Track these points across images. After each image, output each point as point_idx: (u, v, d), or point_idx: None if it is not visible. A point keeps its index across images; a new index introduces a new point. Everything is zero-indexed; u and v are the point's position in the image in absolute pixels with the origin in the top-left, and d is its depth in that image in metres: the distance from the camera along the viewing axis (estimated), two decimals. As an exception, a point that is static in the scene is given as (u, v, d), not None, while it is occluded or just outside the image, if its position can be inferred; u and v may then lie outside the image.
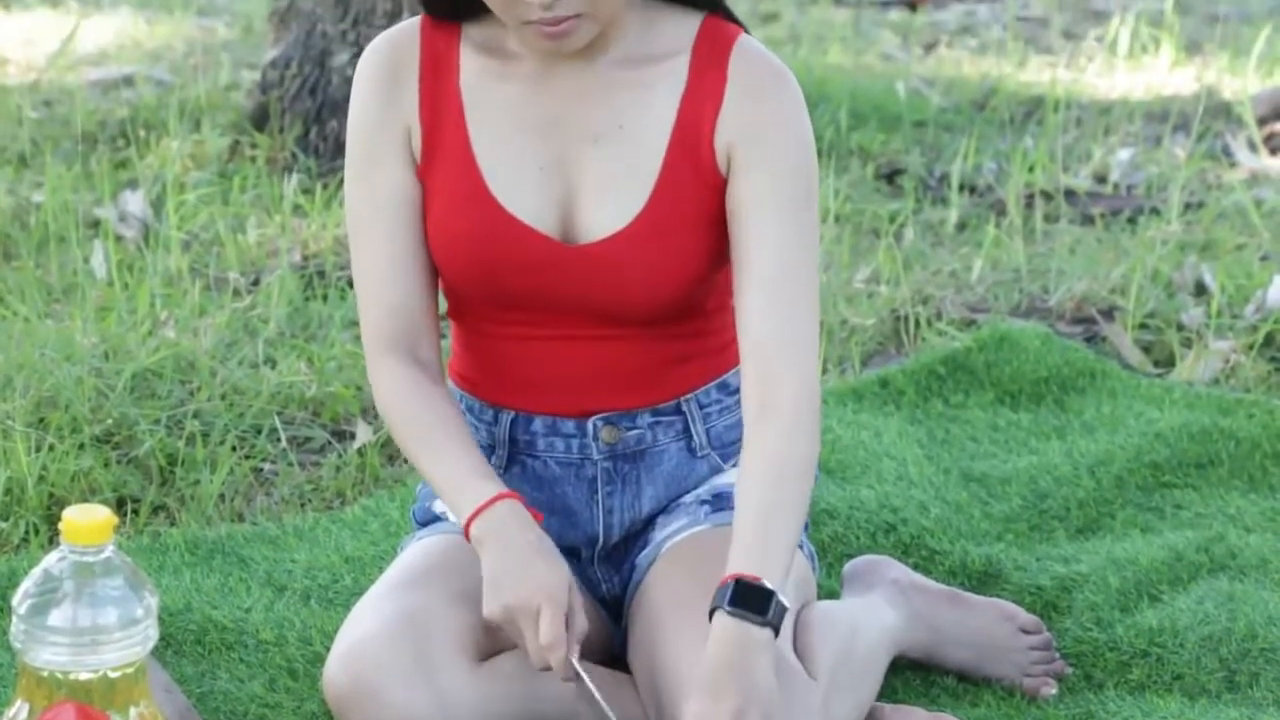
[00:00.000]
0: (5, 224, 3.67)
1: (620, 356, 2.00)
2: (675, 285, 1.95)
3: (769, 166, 1.92)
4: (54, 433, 2.73)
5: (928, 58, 5.60)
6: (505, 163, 1.94)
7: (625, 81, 1.94)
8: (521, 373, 2.02)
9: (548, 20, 1.83)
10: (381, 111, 1.97)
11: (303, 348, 3.13)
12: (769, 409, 1.89)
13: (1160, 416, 2.94)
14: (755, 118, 1.92)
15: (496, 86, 1.95)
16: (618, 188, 1.93)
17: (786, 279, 1.91)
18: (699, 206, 1.94)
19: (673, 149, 1.93)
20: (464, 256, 1.95)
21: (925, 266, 3.68)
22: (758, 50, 1.96)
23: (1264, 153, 4.50)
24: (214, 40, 5.36)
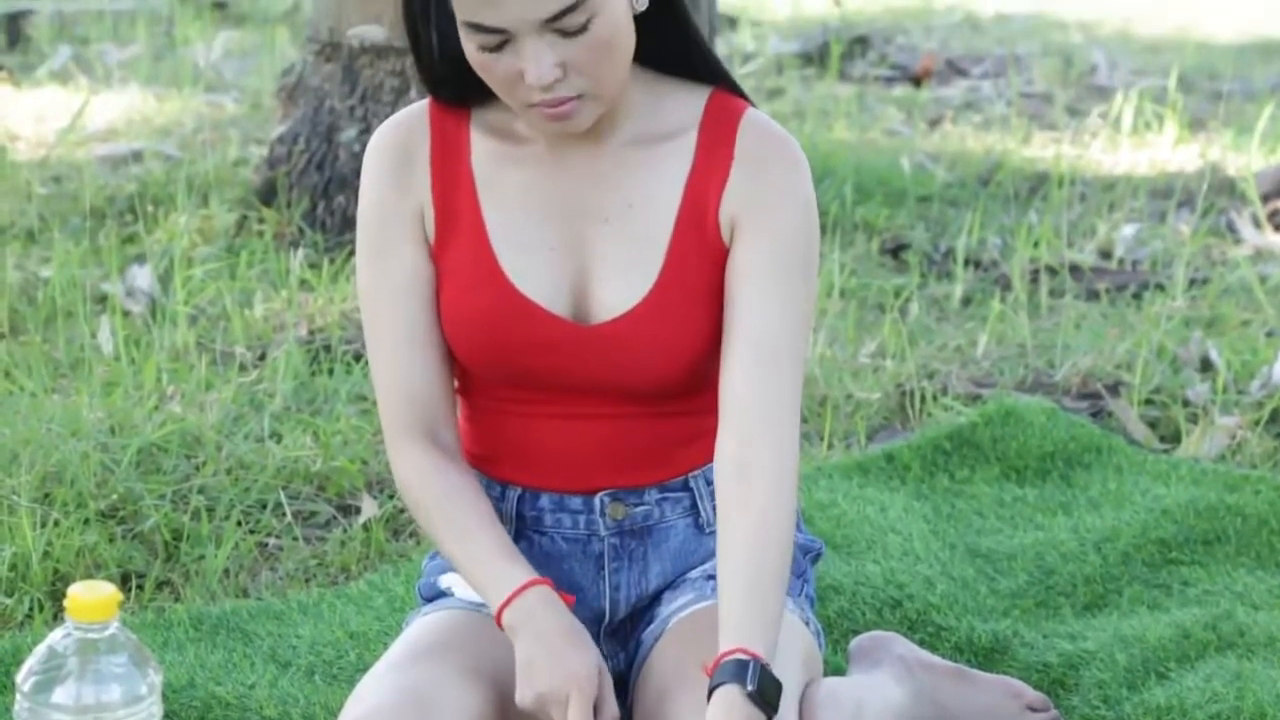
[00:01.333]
0: (13, 299, 3.68)
1: (629, 434, 1.99)
2: (686, 360, 1.95)
3: (766, 232, 1.92)
4: (59, 508, 2.73)
5: (932, 133, 5.62)
6: (518, 244, 1.95)
7: (635, 161, 1.95)
8: (529, 449, 2.01)
9: (549, 102, 1.83)
10: (394, 194, 1.97)
11: (308, 422, 3.13)
12: (750, 471, 1.88)
13: (1166, 492, 2.94)
14: (758, 187, 1.93)
15: (508, 169, 1.96)
16: (628, 267, 1.94)
17: (772, 342, 1.90)
18: (707, 281, 1.94)
19: (680, 226, 1.94)
20: (477, 336, 1.95)
21: (930, 341, 3.68)
22: (764, 123, 1.96)
23: (1268, 229, 4.51)
24: (222, 116, 5.39)
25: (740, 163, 1.94)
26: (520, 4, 1.78)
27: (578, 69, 1.82)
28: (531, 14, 1.78)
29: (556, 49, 1.81)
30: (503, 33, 1.80)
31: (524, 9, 1.78)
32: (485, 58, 1.83)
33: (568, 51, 1.81)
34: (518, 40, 1.81)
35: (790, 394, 1.90)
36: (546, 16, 1.79)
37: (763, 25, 7.53)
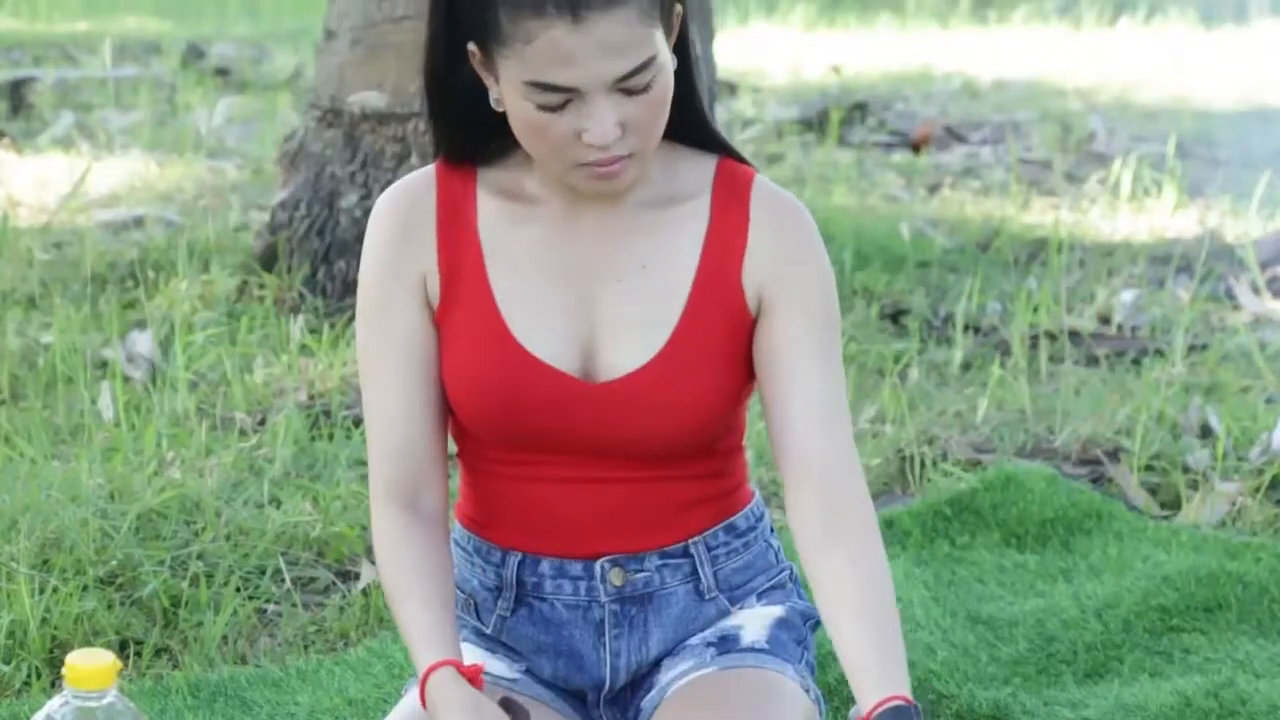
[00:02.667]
0: (14, 365, 3.68)
1: (631, 499, 1.99)
2: (694, 422, 1.95)
3: (803, 303, 1.94)
4: (58, 575, 2.72)
5: (931, 199, 5.64)
6: (526, 305, 1.95)
7: (649, 223, 1.95)
8: (530, 515, 2.01)
9: (603, 161, 1.84)
10: (396, 259, 1.97)
11: (308, 487, 3.13)
12: (843, 529, 1.90)
13: (1167, 559, 2.93)
14: (783, 257, 1.94)
15: (516, 229, 1.96)
16: (640, 326, 1.94)
17: (834, 406, 1.93)
18: (721, 344, 1.95)
19: (698, 287, 1.94)
20: (483, 396, 1.95)
21: (930, 407, 3.68)
22: (774, 189, 1.98)
23: (1267, 296, 4.52)
24: (224, 182, 5.41)
25: (758, 228, 1.95)
26: (596, 63, 1.78)
27: (634, 128, 1.83)
28: (606, 73, 1.79)
29: (620, 108, 1.81)
30: (570, 92, 1.80)
31: (599, 69, 1.78)
32: (542, 118, 1.82)
33: (629, 110, 1.82)
34: (584, 100, 1.81)
35: (855, 457, 1.95)
36: (619, 75, 1.79)
37: (762, 91, 7.57)
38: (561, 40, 1.77)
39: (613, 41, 1.78)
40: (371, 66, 4.09)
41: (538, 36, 1.78)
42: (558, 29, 1.77)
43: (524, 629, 2.03)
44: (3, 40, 8.12)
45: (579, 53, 1.77)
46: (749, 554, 2.06)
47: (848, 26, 9.73)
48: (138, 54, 7.88)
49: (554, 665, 2.03)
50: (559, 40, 1.77)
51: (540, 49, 1.78)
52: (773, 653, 2.01)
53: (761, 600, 2.07)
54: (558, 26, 1.77)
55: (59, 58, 7.74)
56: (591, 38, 1.77)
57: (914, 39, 9.28)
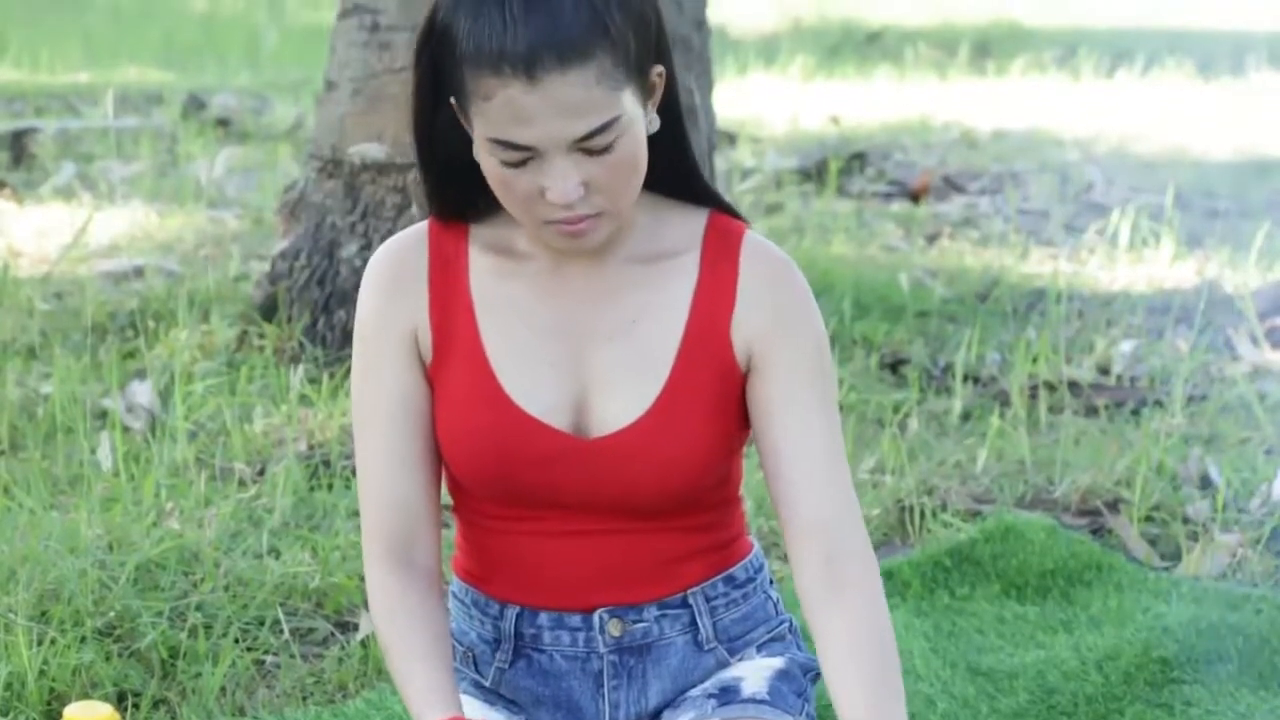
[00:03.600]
0: (13, 416, 3.68)
1: (628, 552, 1.99)
2: (686, 476, 1.95)
3: (796, 358, 1.94)
4: (56, 626, 2.71)
5: (930, 249, 5.64)
6: (517, 361, 1.95)
7: (637, 279, 1.96)
8: (527, 568, 2.01)
9: (568, 220, 1.84)
10: (390, 314, 1.98)
11: (307, 538, 3.12)
12: (846, 587, 1.89)
13: (1168, 611, 2.92)
14: (773, 312, 1.94)
15: (507, 285, 1.97)
16: (631, 381, 1.94)
17: (832, 462, 1.93)
18: (711, 399, 1.94)
19: (687, 342, 1.94)
20: (476, 452, 1.95)
21: (930, 457, 3.68)
22: (765, 244, 1.98)
23: (1266, 347, 4.52)
24: (224, 232, 5.41)
25: (747, 283, 1.95)
26: (552, 123, 1.78)
27: (599, 188, 1.83)
28: (563, 134, 1.79)
29: (581, 167, 1.81)
30: (529, 150, 1.81)
31: (556, 129, 1.79)
32: (506, 174, 1.83)
33: (591, 170, 1.82)
34: (543, 158, 1.81)
35: (857, 510, 1.94)
36: (577, 137, 1.79)
37: (761, 141, 7.59)
38: (518, 100, 1.77)
39: (569, 102, 1.77)
40: (372, 117, 4.11)
41: (495, 95, 1.78)
42: (514, 88, 1.77)
43: (523, 681, 2.02)
44: (5, 91, 8.14)
45: (535, 113, 1.77)
46: (748, 605, 2.06)
47: (846, 77, 9.76)
48: (139, 105, 7.90)
49: (553, 717, 2.02)
50: (515, 99, 1.77)
51: (498, 107, 1.78)
52: (773, 704, 2.00)
53: (761, 652, 2.06)
54: (514, 86, 1.77)
55: (61, 108, 7.76)
56: (547, 98, 1.77)
57: (912, 89, 9.31)
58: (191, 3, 12.89)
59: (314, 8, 12.25)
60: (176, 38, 10.64)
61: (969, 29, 12.03)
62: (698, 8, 4.54)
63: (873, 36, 11.54)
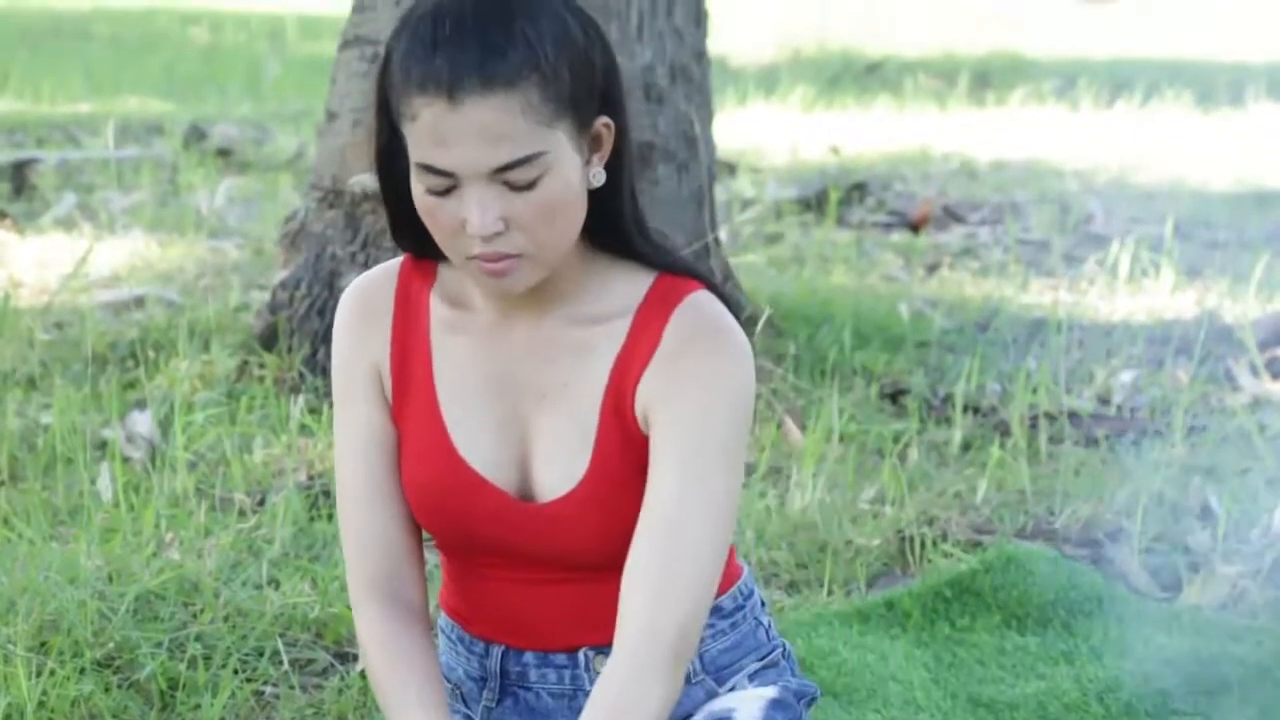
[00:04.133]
0: (13, 446, 3.67)
1: (602, 593, 1.95)
2: (626, 540, 1.90)
3: (673, 420, 1.87)
4: (55, 657, 2.71)
5: (930, 279, 5.64)
6: (466, 415, 1.94)
7: (571, 340, 1.93)
8: (508, 611, 2.00)
9: (489, 256, 1.82)
10: (355, 352, 1.97)
11: (307, 568, 3.12)
12: (620, 648, 1.83)
13: (1169, 642, 2.92)
14: (673, 374, 1.88)
15: (457, 338, 1.95)
16: (564, 449, 1.92)
17: (669, 535, 1.84)
18: (633, 465, 1.90)
19: (605, 410, 1.91)
20: (429, 503, 1.95)
21: (930, 487, 3.67)
22: (702, 307, 1.91)
23: (1266, 377, 4.51)
24: (225, 262, 5.41)
25: (665, 346, 1.89)
26: (472, 149, 1.77)
27: (521, 226, 1.81)
28: (482, 161, 1.78)
29: (502, 201, 1.80)
30: (451, 176, 1.79)
31: (475, 155, 1.78)
32: (431, 201, 1.82)
33: (513, 206, 1.80)
34: (464, 186, 1.80)
35: (679, 576, 1.84)
36: (496, 166, 1.78)
37: (762, 171, 7.59)
38: (439, 121, 1.77)
39: (489, 128, 1.76)
40: (372, 148, 4.11)
41: (420, 115, 1.78)
42: (436, 108, 1.77)
43: (510, 719, 2.02)
44: (5, 122, 8.15)
45: (455, 136, 1.77)
46: (736, 634, 2.05)
47: (846, 107, 9.77)
48: (140, 135, 7.91)
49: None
50: (437, 120, 1.77)
51: (422, 128, 1.78)
52: (768, 735, 1.99)
53: (754, 681, 2.05)
54: (436, 105, 1.76)
55: (62, 139, 7.76)
56: (467, 121, 1.76)
57: (912, 120, 9.32)
58: (193, 33, 12.92)
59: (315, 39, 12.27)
60: (178, 68, 10.66)
61: (968, 60, 12.05)
62: (698, 39, 4.55)
63: (872, 67, 11.56)
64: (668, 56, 4.39)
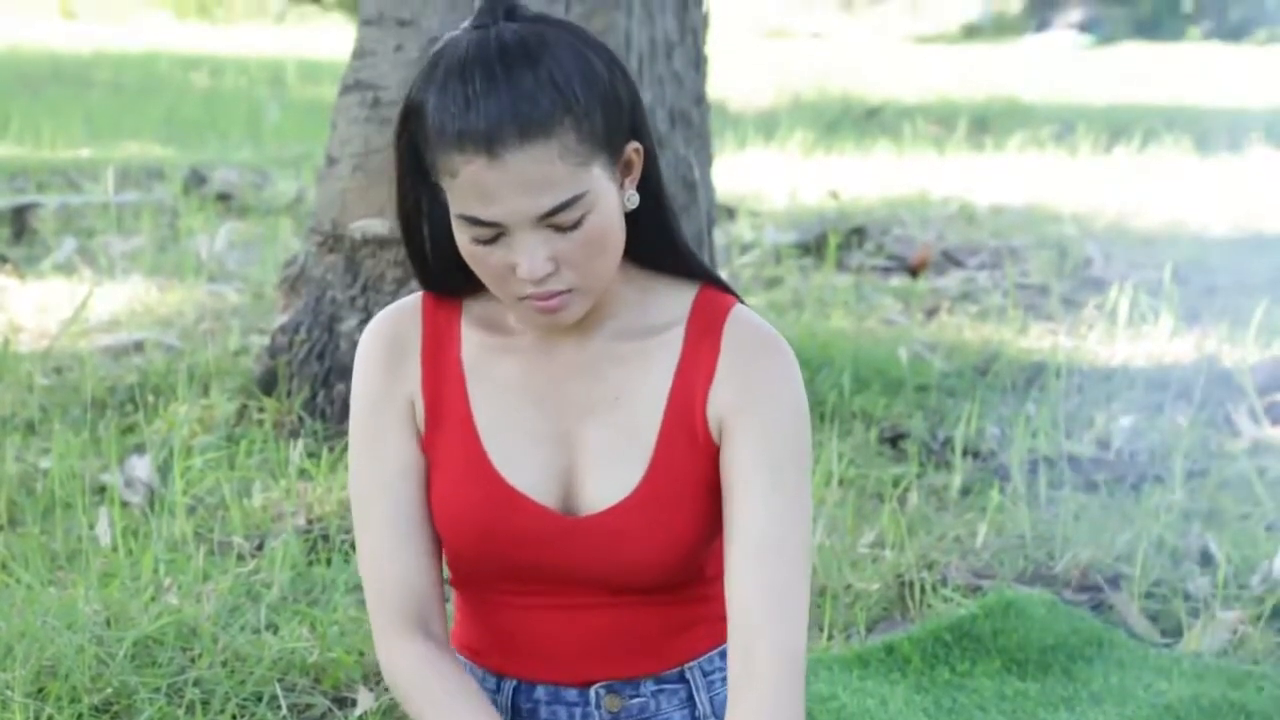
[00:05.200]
0: (12, 491, 3.67)
1: (624, 624, 1.98)
2: (676, 554, 1.94)
3: (760, 435, 1.91)
4: (53, 702, 2.70)
5: (929, 323, 5.65)
6: (506, 436, 1.95)
7: (622, 355, 1.96)
8: (524, 642, 2.00)
9: (540, 295, 1.85)
10: (386, 385, 1.98)
11: (305, 613, 3.11)
12: (754, 671, 1.85)
13: (1169, 688, 2.91)
14: (747, 386, 1.93)
15: (497, 360, 1.97)
16: (616, 460, 1.94)
17: (777, 550, 1.88)
18: (695, 475, 1.94)
19: (668, 420, 1.94)
20: (468, 530, 1.95)
21: (930, 531, 3.67)
22: (752, 320, 1.97)
23: (1265, 422, 4.51)
24: (224, 306, 5.42)
25: (727, 357, 1.94)
26: (516, 200, 1.80)
27: (569, 264, 1.84)
28: (527, 210, 1.80)
29: (550, 244, 1.82)
30: (497, 226, 1.82)
31: (520, 205, 1.80)
32: (478, 250, 1.85)
33: (560, 246, 1.83)
34: (511, 234, 1.82)
35: (795, 593, 1.88)
36: (541, 213, 1.81)
37: (761, 215, 7.61)
38: (481, 176, 1.79)
39: (531, 178, 1.79)
40: (373, 192, 4.12)
41: (460, 172, 1.80)
42: (476, 165, 1.79)
43: (519, 757, 2.02)
44: (6, 167, 8.17)
45: (498, 189, 1.79)
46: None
47: (845, 152, 9.80)
48: (140, 180, 7.93)
49: (550, 795, 2.01)
50: (479, 176, 1.79)
51: (464, 185, 1.81)
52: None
53: (760, 727, 2.05)
54: (476, 163, 1.79)
55: (62, 184, 7.78)
56: (509, 174, 1.78)
57: (911, 164, 9.34)
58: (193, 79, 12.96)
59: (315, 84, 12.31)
60: (178, 113, 10.69)
61: (967, 105, 12.09)
62: (697, 83, 4.57)
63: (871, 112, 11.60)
64: (667, 101, 4.41)
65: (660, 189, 1.94)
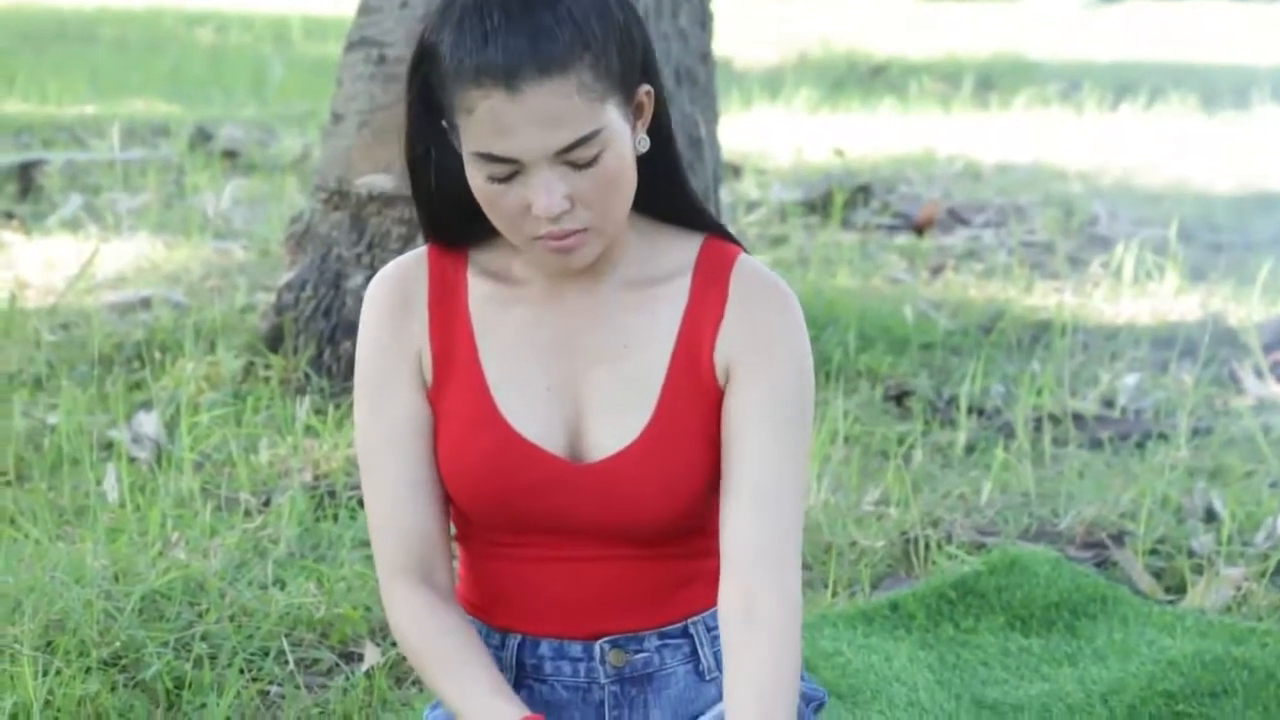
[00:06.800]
0: (19, 446, 3.68)
1: (628, 577, 1.99)
2: (681, 499, 1.95)
3: (765, 381, 1.93)
4: (61, 656, 2.71)
5: (935, 281, 5.64)
6: (514, 384, 1.96)
7: (630, 303, 1.96)
8: (529, 596, 2.01)
9: (556, 234, 1.85)
10: (393, 338, 1.98)
11: (312, 568, 3.12)
12: (755, 620, 1.86)
13: (1172, 644, 2.92)
14: (754, 332, 1.94)
15: (504, 310, 1.97)
16: (622, 406, 1.94)
17: (776, 494, 1.90)
18: (701, 420, 1.95)
19: (674, 366, 1.95)
20: (475, 479, 1.95)
21: (934, 489, 3.68)
22: (758, 268, 1.98)
23: (1270, 380, 4.51)
24: (231, 263, 5.42)
25: (734, 305, 1.95)
26: (534, 134, 1.80)
27: (585, 202, 1.84)
28: (544, 145, 1.81)
29: (566, 180, 1.83)
30: (514, 163, 1.82)
31: (537, 139, 1.80)
32: (493, 189, 1.84)
33: (576, 184, 1.83)
34: (528, 171, 1.82)
35: (793, 541, 1.90)
36: (559, 148, 1.81)
37: (766, 174, 7.59)
38: (499, 111, 1.79)
39: (549, 113, 1.79)
40: (378, 149, 4.11)
41: (478, 107, 1.80)
42: (495, 99, 1.79)
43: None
44: (12, 123, 8.16)
45: (516, 123, 1.80)
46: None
47: (850, 110, 9.78)
48: (146, 137, 7.92)
49: (556, 748, 2.02)
50: (497, 111, 1.79)
51: (480, 120, 1.81)
52: (776, 735, 1.99)
53: (764, 683, 2.05)
54: (494, 97, 1.79)
55: (68, 141, 7.77)
56: (527, 108, 1.79)
57: (916, 122, 9.32)
58: (198, 35, 12.93)
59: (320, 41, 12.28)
60: (183, 71, 10.67)
61: (973, 63, 12.05)
62: (703, 41, 4.55)
63: (877, 70, 11.57)
64: (673, 59, 4.40)
65: (669, 135, 1.95)
